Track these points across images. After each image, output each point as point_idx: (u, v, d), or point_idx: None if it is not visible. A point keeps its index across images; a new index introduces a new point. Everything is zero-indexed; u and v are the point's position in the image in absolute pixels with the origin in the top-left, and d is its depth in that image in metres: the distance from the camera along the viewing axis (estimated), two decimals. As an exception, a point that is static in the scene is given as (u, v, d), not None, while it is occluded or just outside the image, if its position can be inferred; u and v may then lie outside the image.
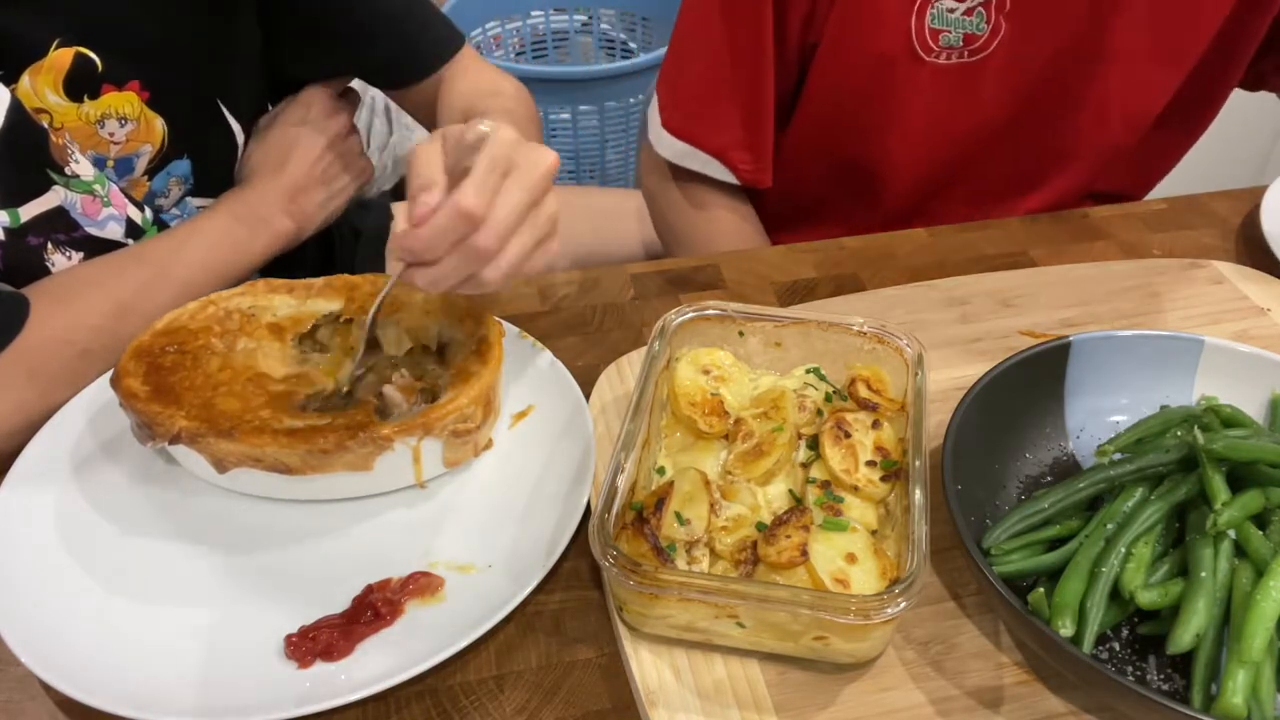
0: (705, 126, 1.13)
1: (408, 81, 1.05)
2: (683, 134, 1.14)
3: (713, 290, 0.97)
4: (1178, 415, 0.73)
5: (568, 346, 0.87)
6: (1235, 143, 2.36)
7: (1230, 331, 0.88)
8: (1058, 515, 0.67)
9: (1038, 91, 1.08)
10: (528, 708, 0.62)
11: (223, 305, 0.80)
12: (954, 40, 1.03)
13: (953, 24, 1.02)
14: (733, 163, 1.14)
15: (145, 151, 0.90)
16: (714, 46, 1.09)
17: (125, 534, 0.71)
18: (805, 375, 0.77)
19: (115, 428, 0.77)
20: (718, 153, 1.13)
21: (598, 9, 2.22)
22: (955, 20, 1.02)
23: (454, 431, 0.71)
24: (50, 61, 0.82)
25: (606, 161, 2.10)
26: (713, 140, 1.13)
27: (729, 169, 1.14)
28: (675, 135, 1.15)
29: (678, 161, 1.16)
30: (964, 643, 0.65)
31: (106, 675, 0.61)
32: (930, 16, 1.01)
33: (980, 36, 1.03)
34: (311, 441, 0.68)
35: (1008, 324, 0.90)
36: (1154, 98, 1.10)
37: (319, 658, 0.63)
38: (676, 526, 0.63)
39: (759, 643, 0.62)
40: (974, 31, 1.02)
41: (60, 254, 0.86)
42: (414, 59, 1.04)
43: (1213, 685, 0.59)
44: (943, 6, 1.01)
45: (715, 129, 1.13)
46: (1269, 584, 0.58)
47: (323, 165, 0.97)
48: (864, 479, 0.68)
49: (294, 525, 0.72)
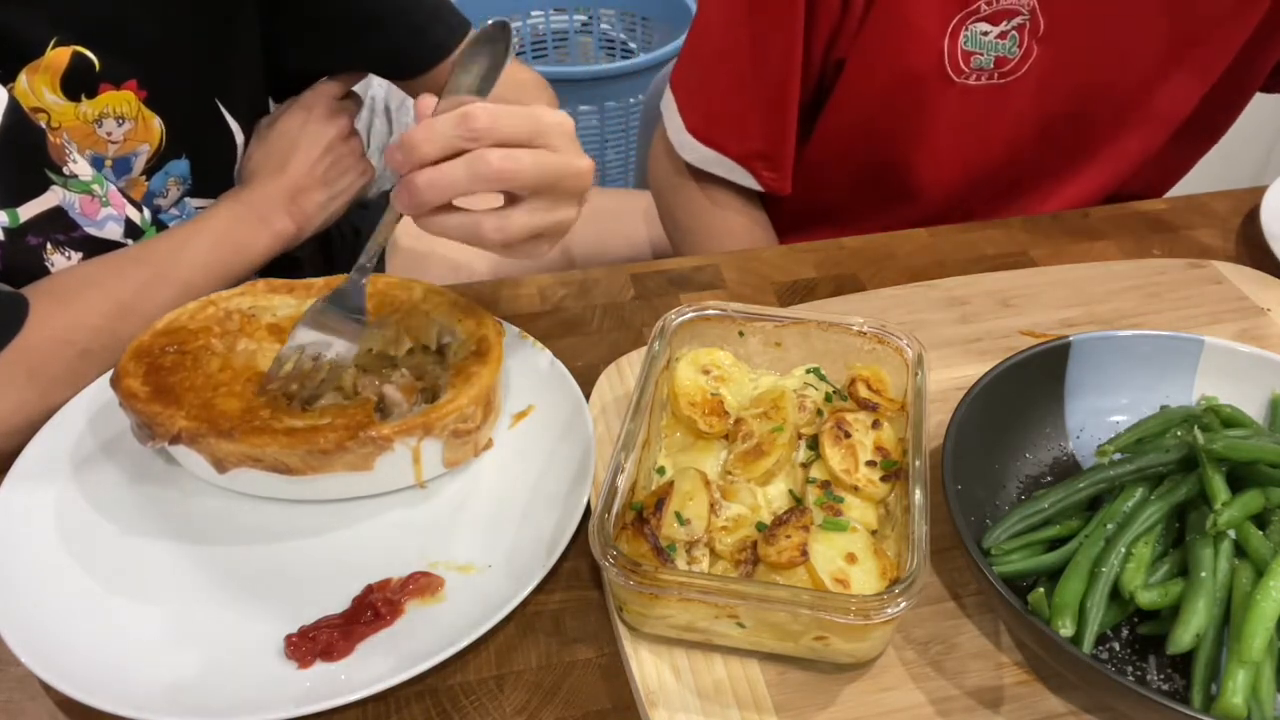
0: (731, 133, 1.13)
1: (417, 71, 1.05)
2: (708, 140, 1.14)
3: (713, 290, 0.97)
4: (1178, 415, 0.73)
5: (568, 346, 0.87)
6: (1235, 143, 2.36)
7: (1230, 331, 0.88)
8: (1058, 515, 0.67)
9: (1067, 110, 1.08)
10: (528, 708, 0.62)
11: (223, 306, 0.80)
12: (985, 63, 1.03)
13: (986, 46, 1.02)
14: (757, 170, 1.14)
15: (143, 151, 0.90)
16: (740, 52, 1.09)
17: (125, 534, 0.71)
18: (805, 375, 0.77)
19: (115, 428, 0.77)
20: (742, 160, 1.13)
21: (598, 9, 2.23)
22: (988, 43, 1.02)
23: (454, 432, 0.71)
24: (48, 60, 0.81)
25: (606, 161, 2.10)
26: (738, 147, 1.13)
27: (753, 176, 1.14)
28: (699, 140, 1.15)
29: (701, 165, 1.16)
30: (964, 643, 0.65)
31: (106, 675, 0.61)
32: (964, 39, 1.02)
33: (1012, 60, 1.03)
34: (311, 441, 0.68)
35: (1008, 324, 0.90)
36: (1179, 110, 1.11)
37: (319, 658, 0.63)
38: (676, 526, 0.63)
39: (759, 643, 0.62)
40: (1006, 55, 1.03)
41: (59, 254, 0.86)
42: (422, 47, 1.04)
43: (1213, 685, 0.59)
44: (977, 30, 1.01)
45: (741, 136, 1.13)
46: (1269, 584, 0.58)
47: (324, 166, 0.97)
48: (864, 479, 0.68)
49: (294, 525, 0.72)
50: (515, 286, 0.96)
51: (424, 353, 0.81)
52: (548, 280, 0.97)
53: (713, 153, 1.14)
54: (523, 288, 0.96)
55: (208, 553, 0.70)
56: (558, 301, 0.95)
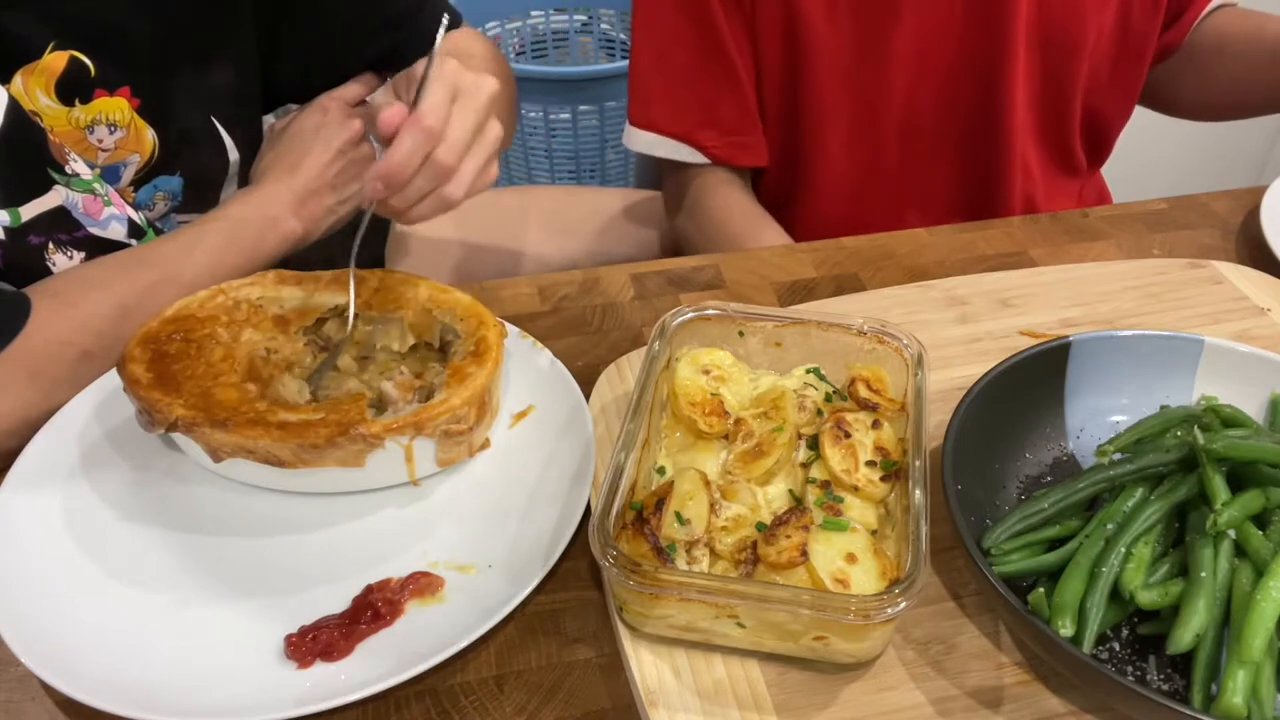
0: (665, 111, 1.13)
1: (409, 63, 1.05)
2: (644, 123, 1.15)
3: (713, 290, 0.97)
4: (1178, 415, 0.73)
5: (568, 346, 0.87)
6: (1235, 143, 2.37)
7: (1230, 331, 0.88)
8: (1058, 515, 0.67)
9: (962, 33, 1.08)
10: (528, 708, 0.62)
11: (232, 295, 0.80)
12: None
13: None
14: (699, 143, 1.14)
15: (133, 161, 0.90)
16: (665, 32, 1.10)
17: (125, 535, 0.71)
18: (805, 375, 0.77)
19: (116, 428, 0.77)
20: (682, 135, 1.13)
21: (598, 9, 2.22)
22: None
23: (446, 432, 0.71)
24: (44, 64, 0.82)
25: (606, 162, 2.10)
26: (674, 124, 1.13)
27: (697, 149, 1.14)
28: (638, 126, 1.15)
29: (648, 152, 1.16)
30: (964, 643, 0.65)
31: (107, 675, 0.61)
32: None
33: None
34: (303, 436, 0.68)
35: (1008, 324, 0.90)
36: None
37: (319, 658, 0.63)
38: (676, 526, 0.63)
39: (759, 643, 0.62)
40: None
41: (61, 254, 0.86)
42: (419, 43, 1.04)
43: (1213, 685, 0.59)
44: None
45: (676, 112, 1.13)
46: (1269, 584, 0.58)
47: (335, 170, 0.97)
48: (864, 479, 0.68)
49: (294, 526, 0.72)
50: (515, 286, 0.96)
51: (426, 350, 0.81)
52: (548, 280, 0.97)
53: (652, 135, 1.14)
54: (523, 288, 0.96)
55: (208, 552, 0.70)
56: (558, 301, 0.95)
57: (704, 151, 1.15)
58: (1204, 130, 1.96)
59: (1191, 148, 2.29)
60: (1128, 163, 1.47)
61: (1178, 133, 1.63)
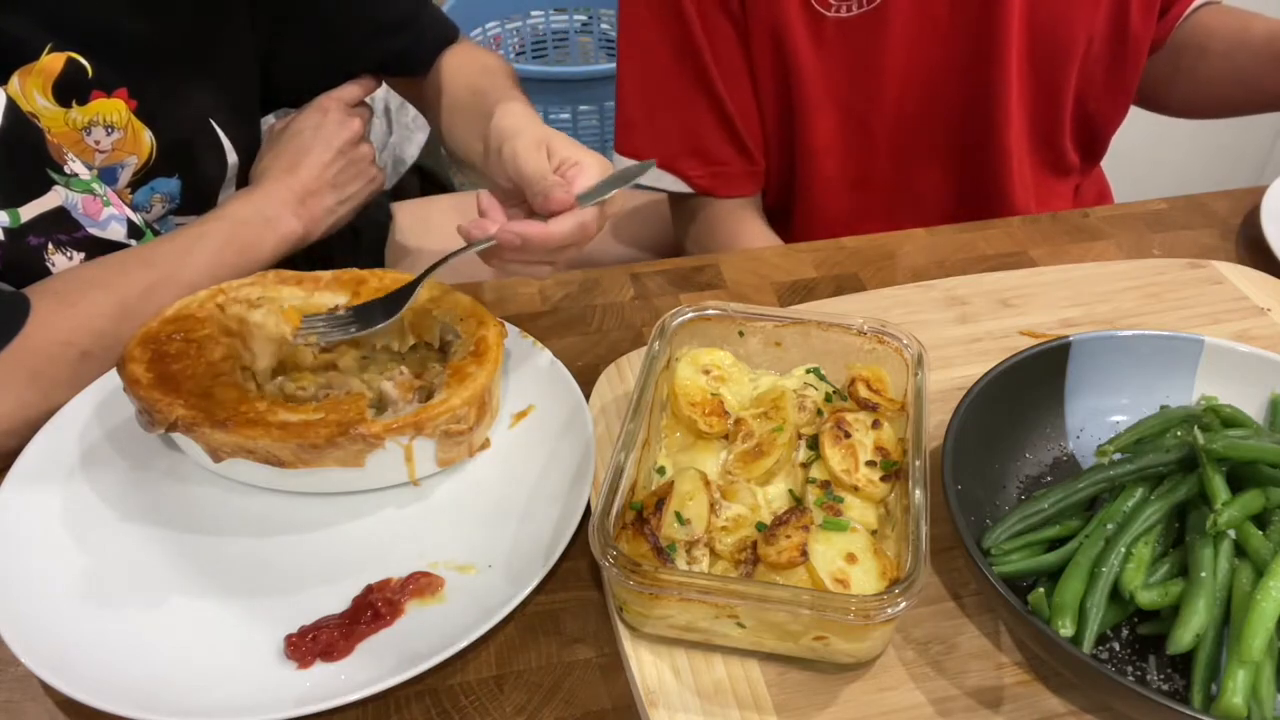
0: (646, 140, 1.12)
1: (418, 71, 1.08)
2: (629, 151, 1.14)
3: (713, 290, 0.97)
4: (1178, 415, 0.73)
5: (568, 346, 0.87)
6: (1235, 143, 2.37)
7: (1230, 331, 0.88)
8: (1058, 515, 0.67)
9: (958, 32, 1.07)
10: (528, 708, 0.62)
11: (232, 294, 0.80)
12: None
13: None
14: (682, 171, 1.13)
15: (130, 163, 0.90)
16: (646, 60, 1.09)
17: (125, 535, 0.71)
18: (805, 375, 0.77)
19: (116, 428, 0.77)
20: (665, 164, 1.12)
21: (598, 9, 2.22)
22: None
23: (446, 432, 0.71)
24: (41, 65, 0.82)
25: (606, 162, 2.10)
26: (654, 152, 1.11)
27: (680, 179, 1.13)
28: (623, 154, 1.14)
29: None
30: (964, 643, 0.65)
31: (107, 675, 0.61)
32: None
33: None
34: (302, 436, 0.68)
35: (1008, 324, 0.90)
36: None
37: (319, 658, 0.63)
38: (676, 526, 0.63)
39: (759, 643, 0.62)
40: None
41: (61, 254, 0.86)
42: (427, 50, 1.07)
43: (1213, 685, 0.59)
44: None
45: (657, 141, 1.12)
46: (1269, 584, 0.58)
47: (335, 170, 0.97)
48: (864, 479, 0.68)
49: (294, 526, 0.72)
50: (515, 286, 0.96)
51: (427, 350, 0.81)
52: (548, 280, 0.97)
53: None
54: (523, 288, 0.96)
55: (208, 553, 0.70)
56: (558, 301, 0.95)
57: (688, 181, 1.13)
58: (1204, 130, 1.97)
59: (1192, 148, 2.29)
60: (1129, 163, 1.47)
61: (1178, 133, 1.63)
